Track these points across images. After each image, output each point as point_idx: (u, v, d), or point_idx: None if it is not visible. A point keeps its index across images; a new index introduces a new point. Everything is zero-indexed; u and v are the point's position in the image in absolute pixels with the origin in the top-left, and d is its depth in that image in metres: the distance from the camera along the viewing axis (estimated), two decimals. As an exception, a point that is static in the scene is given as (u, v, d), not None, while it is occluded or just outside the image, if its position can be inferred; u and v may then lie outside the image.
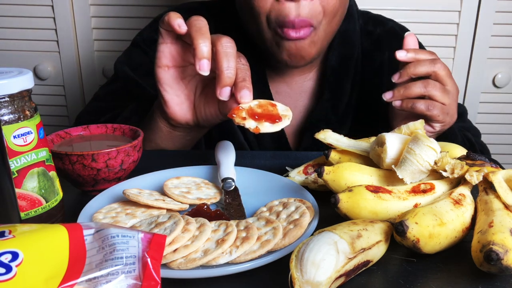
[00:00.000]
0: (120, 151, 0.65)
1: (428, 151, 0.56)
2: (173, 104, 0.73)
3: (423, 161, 0.56)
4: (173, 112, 0.74)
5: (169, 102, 0.73)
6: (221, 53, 0.64)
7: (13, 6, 1.48)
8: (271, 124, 0.60)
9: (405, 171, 0.57)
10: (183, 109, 0.74)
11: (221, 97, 0.64)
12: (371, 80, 0.99)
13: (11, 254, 0.36)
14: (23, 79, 0.52)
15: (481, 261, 0.46)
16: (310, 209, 0.57)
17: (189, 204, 0.61)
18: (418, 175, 0.57)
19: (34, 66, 1.53)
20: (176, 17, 0.67)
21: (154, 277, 0.38)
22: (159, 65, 0.71)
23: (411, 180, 0.57)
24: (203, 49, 0.63)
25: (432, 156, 0.56)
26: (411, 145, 0.57)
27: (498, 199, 0.52)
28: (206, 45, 0.63)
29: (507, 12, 1.45)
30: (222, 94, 0.63)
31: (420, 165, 0.56)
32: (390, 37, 1.00)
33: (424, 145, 0.56)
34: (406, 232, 0.48)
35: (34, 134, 0.54)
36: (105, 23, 1.49)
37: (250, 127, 0.59)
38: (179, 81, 0.73)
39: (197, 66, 0.63)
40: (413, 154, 0.56)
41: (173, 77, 0.72)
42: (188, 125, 0.76)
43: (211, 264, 0.48)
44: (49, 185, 0.56)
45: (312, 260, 0.43)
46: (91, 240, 0.40)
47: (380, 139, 0.60)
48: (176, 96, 0.73)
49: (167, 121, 0.76)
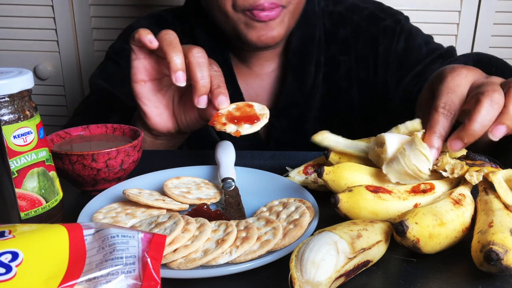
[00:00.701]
0: (120, 151, 0.65)
1: (418, 156, 0.55)
2: (153, 115, 0.75)
3: (411, 164, 0.55)
4: (154, 123, 0.76)
5: (149, 114, 0.75)
6: (193, 64, 0.66)
7: (13, 6, 1.49)
8: (250, 125, 0.62)
9: (390, 168, 0.57)
10: (163, 119, 0.76)
11: (199, 106, 0.66)
12: (336, 57, 0.99)
13: (11, 254, 0.36)
14: (23, 79, 0.52)
15: (481, 261, 0.46)
16: (310, 209, 0.57)
17: (189, 204, 0.61)
18: (404, 177, 0.57)
19: (34, 66, 1.53)
20: (146, 34, 0.69)
21: (154, 277, 0.38)
22: (136, 80, 0.73)
23: (396, 180, 0.57)
24: (177, 62, 0.65)
25: (422, 162, 0.55)
26: (406, 145, 0.57)
27: (498, 199, 0.52)
28: (179, 57, 0.66)
29: (507, 12, 1.45)
30: (200, 102, 0.66)
31: (406, 166, 0.56)
32: (351, 13, 1.01)
33: (416, 149, 0.56)
34: (406, 232, 0.48)
35: (34, 134, 0.54)
36: (105, 23, 1.49)
37: (231, 131, 0.62)
38: (156, 93, 0.75)
39: (173, 78, 0.66)
40: (403, 155, 0.56)
41: (150, 90, 0.74)
42: (169, 133, 0.78)
43: (211, 264, 0.48)
44: (49, 185, 0.56)
45: (312, 260, 0.43)
46: (91, 240, 0.40)
47: (380, 139, 0.60)
48: (155, 107, 0.75)
49: (149, 131, 0.78)
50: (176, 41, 0.68)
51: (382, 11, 1.01)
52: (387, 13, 1.01)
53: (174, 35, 0.69)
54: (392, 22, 0.99)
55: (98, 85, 1.00)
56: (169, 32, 0.69)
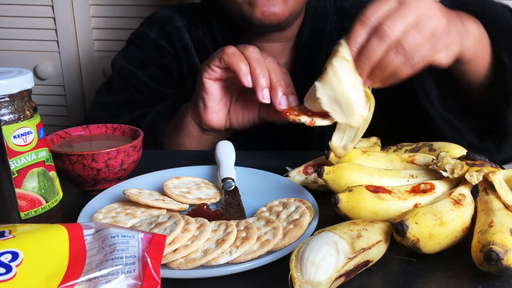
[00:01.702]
0: (120, 151, 0.65)
1: (344, 64, 0.57)
2: (212, 111, 0.78)
3: (338, 76, 0.57)
4: (210, 119, 0.79)
5: (211, 109, 0.78)
6: (252, 60, 0.71)
7: (13, 6, 1.48)
8: (322, 119, 0.64)
9: (324, 87, 0.59)
10: (219, 115, 0.79)
11: (264, 100, 0.71)
12: None
13: (11, 254, 0.36)
14: (23, 79, 0.52)
15: (481, 261, 0.46)
16: (310, 209, 0.56)
17: (189, 204, 0.61)
18: (334, 105, 0.59)
19: (34, 66, 1.53)
20: (241, 63, 0.71)
21: (154, 277, 0.38)
22: (210, 78, 0.76)
23: (327, 107, 0.59)
24: (262, 81, 0.71)
25: (345, 66, 0.58)
26: (333, 59, 0.59)
27: (498, 199, 0.52)
28: (265, 77, 0.71)
29: (507, 12, 1.45)
30: (265, 97, 0.71)
31: (335, 80, 0.57)
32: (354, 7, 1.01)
33: (341, 57, 0.58)
34: (406, 232, 0.48)
35: (34, 134, 0.54)
36: (105, 23, 1.49)
37: (306, 121, 0.65)
38: (222, 90, 0.78)
39: (260, 95, 0.71)
40: (332, 67, 0.58)
41: (220, 88, 0.77)
42: (220, 129, 0.81)
43: (211, 264, 0.48)
44: (49, 185, 0.56)
45: (312, 260, 0.43)
46: (91, 240, 0.40)
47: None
48: (216, 104, 0.78)
49: (200, 126, 0.80)
50: (262, 60, 0.72)
51: None
52: None
53: (257, 51, 0.72)
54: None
55: (121, 66, 1.03)
56: (256, 51, 0.72)
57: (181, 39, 1.01)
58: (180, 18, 1.03)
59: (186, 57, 1.01)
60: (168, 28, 1.02)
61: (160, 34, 1.03)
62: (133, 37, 1.08)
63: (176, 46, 1.01)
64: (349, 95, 0.59)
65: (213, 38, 1.01)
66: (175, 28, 1.02)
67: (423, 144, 0.70)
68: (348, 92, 0.59)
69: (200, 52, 1.01)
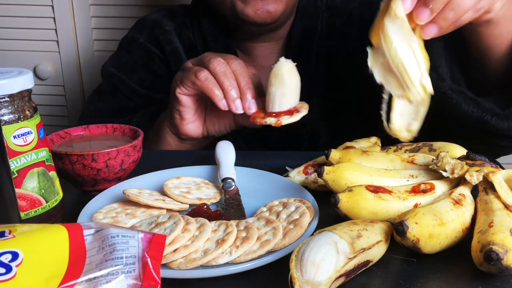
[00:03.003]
0: (120, 151, 0.65)
1: (395, 20, 0.49)
2: (188, 122, 0.79)
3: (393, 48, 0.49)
4: (186, 129, 0.80)
5: (186, 120, 0.79)
6: (219, 73, 0.72)
7: (13, 6, 1.48)
8: (289, 116, 0.65)
9: (376, 57, 0.51)
10: (195, 125, 0.80)
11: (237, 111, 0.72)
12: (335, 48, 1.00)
13: (11, 254, 0.36)
14: (23, 79, 0.52)
15: (481, 261, 0.46)
16: (310, 209, 0.56)
17: (189, 204, 0.61)
18: (388, 78, 0.50)
19: (34, 66, 1.53)
20: (215, 88, 0.72)
21: (154, 277, 0.38)
22: (182, 93, 0.77)
23: (380, 79, 0.51)
24: (233, 93, 0.72)
25: (399, 25, 0.49)
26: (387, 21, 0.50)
27: (498, 199, 0.52)
28: (234, 87, 0.72)
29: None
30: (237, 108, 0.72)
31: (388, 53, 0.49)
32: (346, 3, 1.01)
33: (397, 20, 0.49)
34: (406, 232, 0.48)
35: (34, 134, 0.54)
36: (105, 23, 1.49)
37: (272, 122, 0.65)
38: (197, 102, 0.79)
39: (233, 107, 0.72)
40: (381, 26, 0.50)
41: (193, 100, 0.78)
42: (197, 138, 0.82)
43: (211, 264, 0.48)
44: (49, 185, 0.56)
45: (312, 260, 0.43)
46: (91, 240, 0.40)
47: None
48: (191, 115, 0.79)
49: (178, 136, 0.82)
50: (229, 70, 0.72)
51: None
52: None
53: (222, 62, 0.73)
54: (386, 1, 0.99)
55: (109, 73, 1.04)
56: (221, 63, 0.73)
57: (170, 42, 1.02)
58: (170, 21, 1.04)
59: (176, 60, 1.02)
60: (157, 32, 1.03)
61: (149, 38, 1.04)
62: (123, 42, 1.09)
63: (165, 50, 1.02)
64: (404, 62, 0.50)
65: (204, 39, 1.01)
66: (164, 31, 1.03)
67: (423, 144, 0.70)
68: (403, 59, 0.50)
69: (190, 55, 1.01)
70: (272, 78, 0.63)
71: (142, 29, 1.06)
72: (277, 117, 0.65)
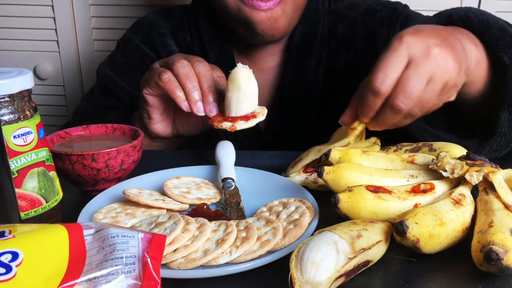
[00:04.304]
0: (120, 151, 0.65)
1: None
2: (157, 121, 0.80)
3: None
4: (155, 128, 0.80)
5: (155, 120, 0.80)
6: (182, 76, 0.72)
7: (13, 6, 1.48)
8: (245, 121, 0.65)
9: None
10: (164, 125, 0.81)
11: (199, 113, 0.71)
12: (336, 54, 1.00)
13: (11, 254, 0.36)
14: (23, 79, 0.52)
15: (481, 261, 0.46)
16: (310, 209, 0.56)
17: (189, 204, 0.61)
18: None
19: (34, 66, 1.53)
20: (177, 90, 0.72)
21: (154, 277, 0.38)
22: (149, 94, 0.77)
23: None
24: (194, 95, 0.71)
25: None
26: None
27: (498, 199, 0.52)
28: (196, 89, 0.71)
29: (507, 12, 1.45)
30: (199, 110, 0.71)
31: None
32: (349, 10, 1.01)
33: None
34: (406, 232, 0.48)
35: (34, 134, 0.54)
36: (105, 23, 1.49)
37: (227, 127, 0.66)
38: (165, 102, 0.79)
39: (195, 109, 0.71)
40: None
41: (160, 100, 0.78)
42: (167, 137, 0.83)
43: (211, 264, 0.48)
44: (49, 185, 0.56)
45: (312, 260, 0.43)
46: (91, 240, 0.40)
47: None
48: (159, 115, 0.80)
49: (148, 135, 0.82)
50: (192, 72, 0.72)
51: (379, 4, 1.02)
52: (384, 5, 1.01)
53: (186, 64, 0.73)
54: (389, 12, 0.99)
55: (103, 73, 1.05)
56: (184, 64, 0.73)
57: (166, 45, 1.02)
58: (166, 23, 1.04)
59: None
60: (153, 35, 1.03)
61: (145, 40, 1.04)
62: (120, 43, 1.09)
63: (160, 53, 1.02)
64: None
65: (201, 42, 1.01)
66: (159, 34, 1.03)
67: (423, 144, 0.70)
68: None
69: None
70: (229, 84, 0.64)
71: (138, 31, 1.06)
72: (233, 121, 0.66)
